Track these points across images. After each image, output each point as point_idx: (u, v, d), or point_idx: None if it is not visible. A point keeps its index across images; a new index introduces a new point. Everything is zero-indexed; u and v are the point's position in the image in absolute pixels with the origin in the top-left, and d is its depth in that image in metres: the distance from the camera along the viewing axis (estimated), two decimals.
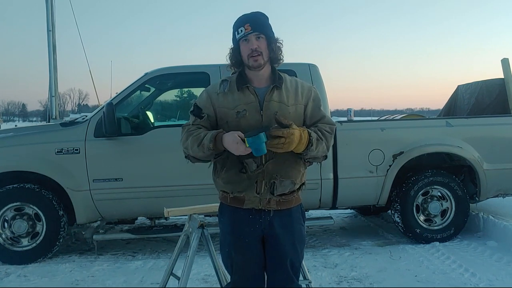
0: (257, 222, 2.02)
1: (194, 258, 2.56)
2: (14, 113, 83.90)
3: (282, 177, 1.99)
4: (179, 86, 5.29)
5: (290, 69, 4.31)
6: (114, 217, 4.53)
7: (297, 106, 2.05)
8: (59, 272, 4.01)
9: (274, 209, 2.02)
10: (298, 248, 2.10)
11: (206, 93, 2.10)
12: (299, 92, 2.08)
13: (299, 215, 2.14)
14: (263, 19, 2.05)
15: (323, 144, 1.99)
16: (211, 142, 1.89)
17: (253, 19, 2.01)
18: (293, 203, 2.10)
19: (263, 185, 1.98)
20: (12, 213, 4.24)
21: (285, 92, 2.04)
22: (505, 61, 5.67)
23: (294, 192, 2.08)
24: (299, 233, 2.10)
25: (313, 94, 2.12)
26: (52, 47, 8.12)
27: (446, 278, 3.70)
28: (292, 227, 2.07)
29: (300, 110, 2.06)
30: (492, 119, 4.97)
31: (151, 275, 3.86)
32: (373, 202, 4.69)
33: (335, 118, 9.62)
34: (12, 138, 4.43)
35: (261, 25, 2.02)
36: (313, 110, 2.09)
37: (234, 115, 1.98)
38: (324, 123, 2.07)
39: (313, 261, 4.16)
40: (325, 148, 2.02)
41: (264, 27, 2.03)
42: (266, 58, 2.01)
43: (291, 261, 2.06)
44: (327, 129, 2.05)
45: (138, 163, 4.27)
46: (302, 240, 2.13)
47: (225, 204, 2.10)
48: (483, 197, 4.79)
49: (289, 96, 2.04)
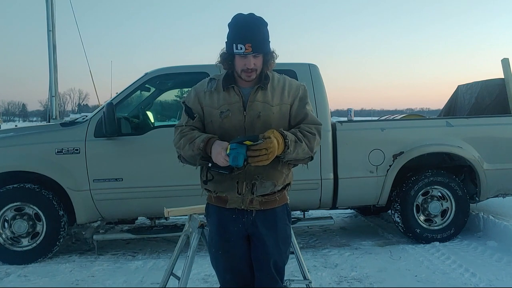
0: (240, 222, 2.04)
1: (194, 258, 2.56)
2: (14, 113, 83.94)
3: (263, 178, 1.98)
4: (179, 86, 5.29)
5: (290, 69, 4.30)
6: (114, 217, 4.52)
7: (282, 105, 2.02)
8: (59, 272, 4.01)
9: (257, 209, 2.01)
10: (282, 248, 2.07)
11: (194, 92, 2.11)
12: (286, 91, 2.05)
13: (284, 215, 2.11)
14: (263, 34, 1.98)
15: (302, 146, 1.93)
16: (202, 142, 1.92)
17: (255, 39, 1.93)
18: (277, 203, 2.06)
19: (244, 186, 1.99)
20: (12, 213, 4.24)
21: (270, 92, 2.02)
22: (505, 61, 5.67)
23: (277, 193, 2.05)
24: (283, 233, 2.08)
25: (300, 93, 2.07)
26: (52, 47, 8.11)
27: (446, 278, 3.70)
28: (276, 227, 2.05)
29: (285, 110, 2.03)
30: (492, 119, 4.97)
31: (151, 275, 3.87)
32: (373, 202, 4.69)
33: (335, 118, 9.64)
34: (12, 138, 4.43)
35: (262, 44, 1.96)
36: (297, 109, 2.05)
37: (218, 114, 2.00)
38: (308, 123, 2.02)
39: (313, 261, 4.16)
40: (306, 150, 1.95)
41: (264, 46, 1.97)
42: (259, 71, 2.01)
43: (274, 261, 2.04)
44: (310, 129, 1.99)
45: (138, 163, 4.27)
46: (286, 240, 2.11)
47: (210, 204, 2.13)
48: (483, 197, 4.79)
49: (274, 95, 2.02)
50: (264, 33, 1.99)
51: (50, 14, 8.02)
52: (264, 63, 2.01)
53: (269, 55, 2.01)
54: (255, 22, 1.97)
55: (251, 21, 1.96)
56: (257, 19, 1.98)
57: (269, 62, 2.02)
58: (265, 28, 2.00)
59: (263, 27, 1.99)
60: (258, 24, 1.97)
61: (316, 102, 4.42)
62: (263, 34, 1.98)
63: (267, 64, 2.02)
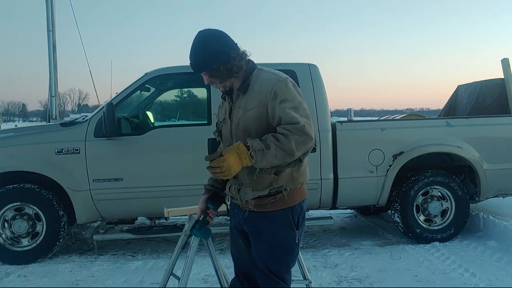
0: (237, 217, 2.12)
1: (194, 258, 2.55)
2: (14, 113, 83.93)
3: (244, 185, 1.99)
4: (179, 86, 5.28)
5: (290, 69, 4.30)
6: (114, 217, 4.52)
7: (259, 108, 1.89)
8: (59, 272, 4.01)
9: (251, 210, 2.02)
10: (275, 253, 2.00)
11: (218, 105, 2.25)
12: (263, 90, 1.89)
13: (282, 221, 1.99)
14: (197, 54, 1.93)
15: (271, 153, 1.79)
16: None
17: (192, 62, 1.95)
18: (270, 207, 1.97)
19: (233, 190, 2.06)
20: (12, 213, 4.25)
21: (249, 95, 1.93)
22: (505, 61, 5.66)
23: (269, 197, 1.95)
24: (277, 238, 1.99)
25: (274, 90, 1.86)
26: (52, 47, 8.12)
27: (446, 278, 3.70)
28: (266, 230, 1.99)
29: (263, 111, 1.89)
30: (492, 119, 4.97)
31: (151, 275, 3.87)
32: (373, 202, 4.69)
33: (335, 118, 9.60)
34: (12, 138, 4.43)
35: (198, 66, 1.94)
36: (272, 109, 1.87)
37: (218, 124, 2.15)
38: (285, 123, 1.83)
39: (313, 261, 4.16)
40: (280, 154, 1.80)
41: (201, 66, 1.94)
42: (222, 81, 1.97)
43: (264, 262, 2.01)
44: (284, 131, 1.81)
45: (138, 163, 4.27)
46: (282, 246, 2.00)
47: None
48: (483, 197, 4.79)
49: (250, 99, 1.92)
50: (198, 53, 1.93)
51: (50, 14, 8.03)
52: (216, 77, 1.95)
53: (216, 68, 1.91)
54: (193, 44, 1.95)
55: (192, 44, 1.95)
56: (196, 39, 1.95)
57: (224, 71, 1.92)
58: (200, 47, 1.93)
59: (199, 46, 1.93)
60: (195, 46, 1.94)
61: (316, 102, 4.42)
62: (196, 54, 1.94)
63: (221, 75, 1.93)
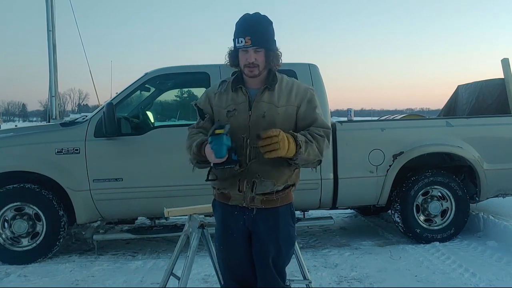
0: (241, 219, 2.06)
1: (194, 258, 2.56)
2: (14, 113, 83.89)
3: (263, 177, 1.99)
4: (179, 86, 5.29)
5: (290, 69, 4.31)
6: (114, 217, 4.52)
7: (288, 107, 2.03)
8: (59, 272, 4.01)
9: (258, 207, 2.02)
10: (283, 248, 2.06)
11: (205, 94, 2.19)
12: (293, 93, 2.05)
13: (287, 216, 2.09)
14: (265, 29, 2.01)
15: (313, 147, 1.94)
16: (196, 146, 2.00)
17: (254, 32, 1.95)
18: (279, 203, 2.05)
19: (245, 184, 2.01)
20: (12, 213, 4.24)
21: (277, 93, 2.03)
22: (505, 61, 5.66)
23: (280, 192, 2.04)
24: (286, 233, 2.07)
25: (308, 96, 2.07)
26: (52, 47, 8.11)
27: (446, 278, 3.70)
28: (277, 226, 2.05)
29: (292, 112, 2.03)
30: (492, 119, 4.97)
31: (151, 275, 3.87)
32: (373, 202, 4.69)
33: (335, 118, 9.62)
34: (12, 138, 4.43)
35: (262, 38, 1.98)
36: (306, 111, 2.05)
37: (225, 113, 2.04)
38: (317, 127, 2.02)
39: (313, 261, 4.16)
40: (316, 152, 1.96)
41: (264, 40, 1.99)
42: (262, 68, 2.02)
43: (273, 259, 2.05)
44: (319, 132, 2.00)
45: (138, 163, 4.27)
46: (289, 240, 2.10)
47: (215, 199, 2.17)
48: (483, 197, 4.79)
49: (280, 97, 2.03)
50: (265, 28, 2.02)
51: (50, 14, 8.01)
52: (266, 60, 2.01)
53: (272, 52, 2.02)
54: (256, 18, 2.02)
55: (253, 17, 2.02)
56: (260, 16, 2.04)
57: (273, 59, 2.02)
58: (267, 25, 2.03)
59: (265, 23, 2.03)
60: (260, 20, 2.01)
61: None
62: (263, 29, 2.00)
63: (269, 61, 2.01)
